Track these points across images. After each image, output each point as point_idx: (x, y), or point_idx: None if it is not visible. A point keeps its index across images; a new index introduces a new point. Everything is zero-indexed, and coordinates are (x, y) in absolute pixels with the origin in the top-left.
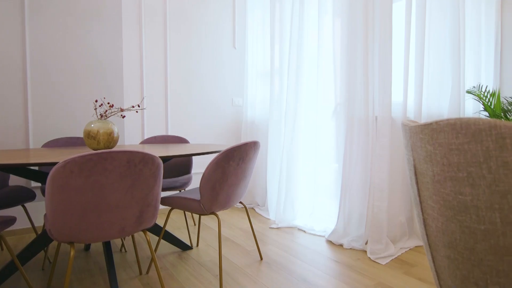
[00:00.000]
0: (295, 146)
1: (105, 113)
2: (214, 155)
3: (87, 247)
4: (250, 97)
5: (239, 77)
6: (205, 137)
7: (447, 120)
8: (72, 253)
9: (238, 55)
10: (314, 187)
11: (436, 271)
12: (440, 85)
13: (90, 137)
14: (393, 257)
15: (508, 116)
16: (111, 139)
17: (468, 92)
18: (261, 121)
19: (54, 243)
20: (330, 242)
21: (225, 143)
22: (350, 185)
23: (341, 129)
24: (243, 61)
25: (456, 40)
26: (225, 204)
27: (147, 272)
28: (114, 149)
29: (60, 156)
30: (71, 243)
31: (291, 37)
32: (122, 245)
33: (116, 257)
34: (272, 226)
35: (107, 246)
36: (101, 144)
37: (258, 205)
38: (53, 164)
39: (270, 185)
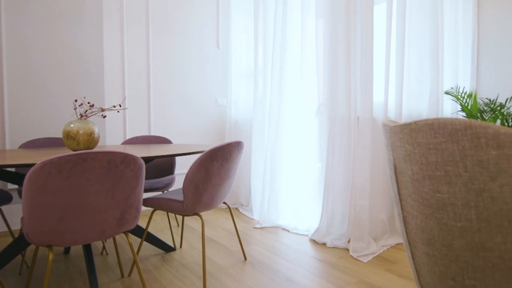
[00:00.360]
0: (278, 146)
1: (85, 113)
2: (197, 156)
3: (67, 250)
4: (233, 97)
5: (222, 77)
6: (189, 137)
7: (425, 120)
8: (50, 256)
9: (222, 55)
10: (297, 186)
11: (415, 267)
12: (420, 86)
13: (69, 138)
14: (375, 255)
15: (484, 117)
16: (91, 140)
17: (447, 93)
18: (245, 121)
19: (32, 247)
20: (313, 241)
21: (209, 143)
22: (332, 184)
23: (323, 129)
24: (226, 61)
25: (435, 43)
26: (209, 204)
27: (129, 275)
28: (95, 149)
29: (38, 157)
30: (49, 246)
31: (275, 37)
32: (103, 247)
33: (97, 260)
34: (256, 226)
35: (87, 249)
36: (81, 145)
37: (242, 205)
38: (31, 165)
39: (254, 185)
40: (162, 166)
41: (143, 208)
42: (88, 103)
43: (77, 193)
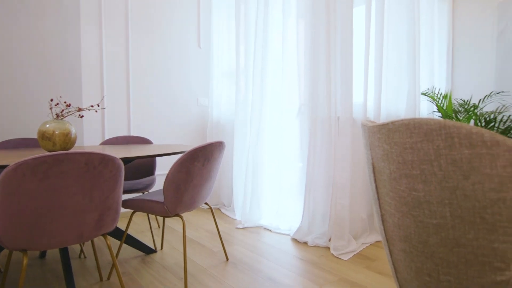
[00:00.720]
0: (260, 146)
1: (61, 112)
2: (178, 156)
3: (43, 254)
4: (215, 97)
5: (204, 77)
6: (170, 137)
7: (402, 120)
8: (25, 261)
9: (203, 54)
10: (279, 186)
11: (393, 264)
12: (398, 87)
13: (45, 138)
14: (355, 253)
15: (459, 117)
16: (68, 140)
17: (423, 94)
18: (227, 121)
19: (5, 251)
20: (295, 240)
21: (190, 144)
22: (314, 184)
23: (305, 129)
24: (208, 61)
25: (412, 45)
26: (190, 205)
27: (108, 278)
28: (71, 150)
29: (11, 158)
30: (24, 250)
31: (256, 37)
32: (81, 250)
33: (75, 264)
34: (238, 226)
35: (64, 252)
36: (57, 146)
37: (224, 205)
38: (3, 167)
39: (236, 185)
40: (143, 167)
41: (123, 209)
42: (65, 102)
43: (53, 195)
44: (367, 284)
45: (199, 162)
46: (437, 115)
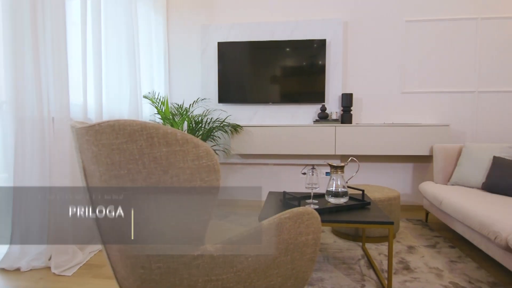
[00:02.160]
0: None
1: None
2: None
3: None
4: None
5: None
6: None
7: (108, 122)
8: None
9: None
10: None
11: (112, 266)
12: (119, 90)
13: None
14: (81, 264)
15: (176, 119)
16: None
17: (145, 97)
18: None
19: None
20: (2, 270)
21: None
22: (25, 196)
23: (9, 133)
24: None
25: (132, 51)
26: None
27: None
28: None
29: None
30: None
31: None
32: None
33: None
34: None
35: None
36: None
37: None
38: None
39: None
40: None
41: None
42: None
43: None
44: None
45: None
46: (158, 117)
